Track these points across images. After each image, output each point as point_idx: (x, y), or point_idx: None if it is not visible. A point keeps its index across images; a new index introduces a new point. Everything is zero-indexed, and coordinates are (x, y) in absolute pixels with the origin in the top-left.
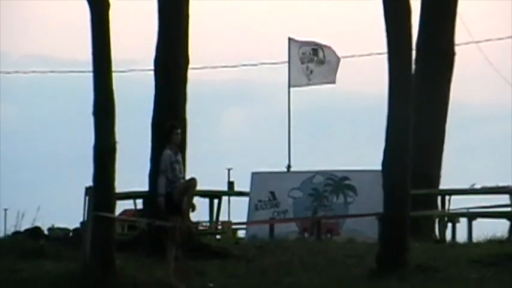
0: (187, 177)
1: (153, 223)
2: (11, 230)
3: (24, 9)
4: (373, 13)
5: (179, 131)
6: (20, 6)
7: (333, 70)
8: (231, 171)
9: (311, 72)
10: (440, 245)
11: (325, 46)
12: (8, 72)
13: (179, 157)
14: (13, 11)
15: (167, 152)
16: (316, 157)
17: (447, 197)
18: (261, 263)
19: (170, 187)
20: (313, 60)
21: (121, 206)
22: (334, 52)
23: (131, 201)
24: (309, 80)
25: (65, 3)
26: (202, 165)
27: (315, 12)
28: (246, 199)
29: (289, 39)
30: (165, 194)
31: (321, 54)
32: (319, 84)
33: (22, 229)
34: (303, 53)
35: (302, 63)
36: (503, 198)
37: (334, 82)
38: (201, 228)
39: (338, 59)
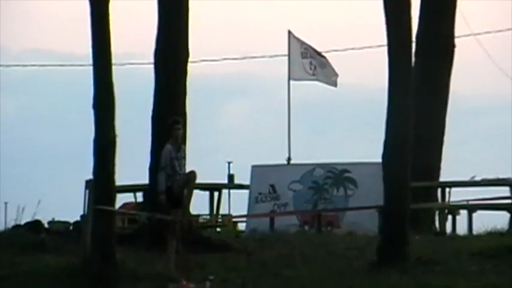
0: (187, 170)
1: (153, 216)
2: (11, 223)
3: (23, 3)
4: (373, 5)
5: (180, 126)
6: (20, 0)
7: (334, 75)
8: (231, 164)
9: (315, 67)
10: (440, 238)
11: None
12: (8, 66)
13: (180, 152)
14: (13, 4)
15: (168, 148)
16: (316, 150)
17: (447, 189)
18: (262, 255)
19: (170, 181)
20: (316, 58)
21: (121, 199)
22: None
23: (131, 195)
24: (313, 74)
25: None
26: (203, 159)
27: (314, 5)
28: (246, 192)
29: (289, 32)
30: (166, 189)
31: (322, 60)
32: (322, 82)
33: (22, 222)
34: (305, 49)
35: (305, 57)
36: (504, 191)
37: (335, 85)
38: (201, 221)
39: (336, 75)
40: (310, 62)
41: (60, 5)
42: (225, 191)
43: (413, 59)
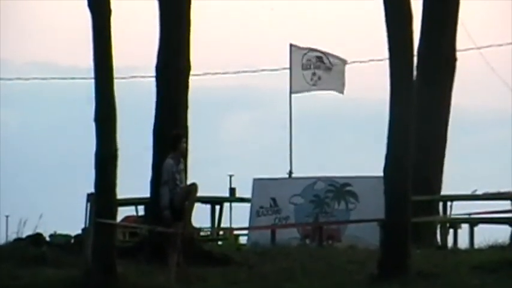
0: (189, 183)
1: (154, 229)
2: (12, 236)
3: (26, 16)
4: (375, 19)
5: (185, 139)
6: (22, 13)
7: (341, 78)
8: (232, 177)
9: (319, 78)
10: (441, 251)
11: (329, 53)
12: (10, 79)
13: (181, 166)
14: (15, 17)
15: (169, 162)
16: (318, 163)
17: (449, 203)
18: (263, 269)
19: (171, 193)
20: (320, 67)
21: (122, 212)
22: (338, 57)
23: (133, 208)
24: (315, 85)
25: (67, 10)
26: (204, 172)
27: (316, 19)
28: (248, 205)
29: (291, 45)
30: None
31: (326, 61)
32: (327, 90)
33: (24, 236)
34: (308, 60)
35: (307, 69)
36: (505, 204)
37: (342, 92)
38: (202, 234)
39: (344, 62)
40: (313, 72)
41: (63, 18)
42: (226, 205)
43: (414, 72)
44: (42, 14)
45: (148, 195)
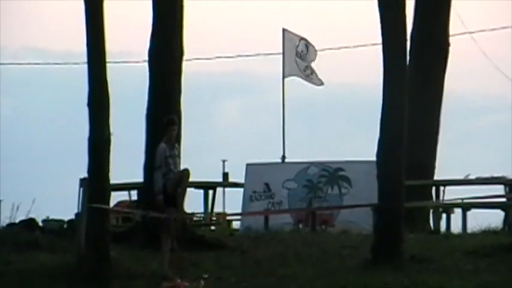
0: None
1: (147, 215)
2: (5, 221)
3: (19, 1)
4: (368, 3)
5: (175, 127)
6: None
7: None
8: (225, 162)
9: (311, 72)
10: (434, 236)
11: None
12: (4, 64)
13: (174, 151)
14: (8, 3)
15: (162, 146)
16: (311, 148)
17: (441, 188)
18: (256, 254)
19: (164, 179)
20: (307, 59)
21: (115, 197)
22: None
23: (126, 193)
24: (308, 77)
25: None
26: (197, 157)
27: (309, 3)
28: (241, 190)
29: (284, 30)
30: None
31: (311, 49)
32: (317, 85)
33: (17, 221)
34: (302, 50)
35: (300, 58)
36: (498, 189)
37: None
38: (195, 219)
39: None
40: (306, 65)
41: (57, 3)
42: (219, 190)
43: (407, 57)
44: None
45: (141, 180)
